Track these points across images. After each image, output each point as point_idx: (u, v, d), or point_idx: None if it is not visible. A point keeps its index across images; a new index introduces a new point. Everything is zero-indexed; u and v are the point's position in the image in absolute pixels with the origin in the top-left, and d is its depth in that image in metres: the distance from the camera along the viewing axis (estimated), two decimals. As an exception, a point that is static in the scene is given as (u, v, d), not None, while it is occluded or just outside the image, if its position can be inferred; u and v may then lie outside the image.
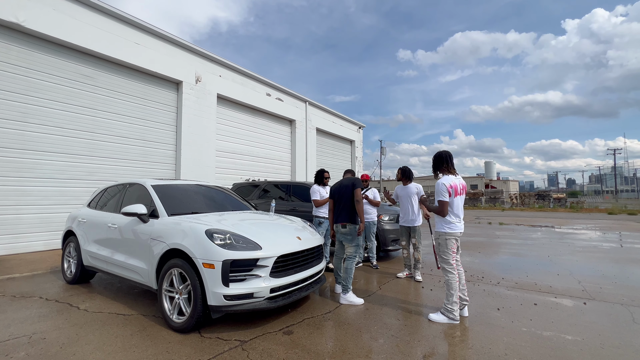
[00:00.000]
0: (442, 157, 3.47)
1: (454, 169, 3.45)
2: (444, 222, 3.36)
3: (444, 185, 3.30)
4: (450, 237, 3.33)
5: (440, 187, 3.31)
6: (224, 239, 2.98)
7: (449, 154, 3.52)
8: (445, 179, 3.34)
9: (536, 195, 31.96)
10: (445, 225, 3.36)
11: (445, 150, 3.55)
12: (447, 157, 3.47)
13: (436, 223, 3.47)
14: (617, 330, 3.07)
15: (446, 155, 3.48)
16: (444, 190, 3.28)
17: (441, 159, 3.46)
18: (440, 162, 3.47)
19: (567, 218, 16.67)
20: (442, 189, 3.30)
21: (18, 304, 3.76)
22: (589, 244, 8.22)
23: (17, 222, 6.87)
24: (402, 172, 5.11)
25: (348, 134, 19.51)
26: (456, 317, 3.17)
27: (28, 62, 7.06)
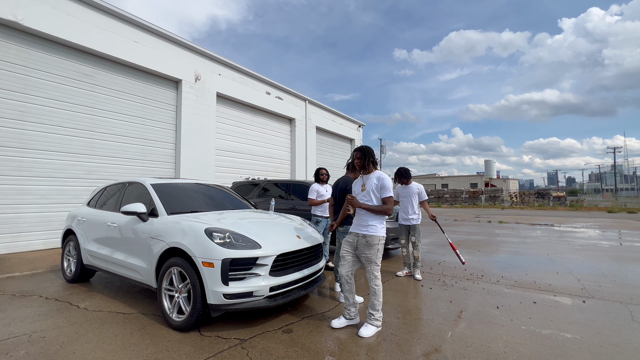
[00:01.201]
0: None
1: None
2: (382, 222, 3.11)
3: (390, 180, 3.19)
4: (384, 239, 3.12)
5: (390, 182, 3.12)
6: (224, 238, 2.98)
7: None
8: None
9: (536, 194, 31.97)
10: (383, 229, 3.12)
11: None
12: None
13: (376, 224, 3.06)
14: (616, 328, 3.08)
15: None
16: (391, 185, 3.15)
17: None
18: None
19: (566, 216, 16.69)
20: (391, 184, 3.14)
21: (18, 303, 3.77)
22: (589, 242, 8.23)
23: (16, 221, 6.86)
24: (398, 174, 5.08)
25: (348, 132, 19.51)
26: (381, 322, 3.03)
27: (27, 61, 7.05)
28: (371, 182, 3.11)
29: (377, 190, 3.07)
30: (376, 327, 2.98)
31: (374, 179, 3.12)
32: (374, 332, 2.94)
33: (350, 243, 3.15)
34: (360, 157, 3.20)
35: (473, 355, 2.55)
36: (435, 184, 53.02)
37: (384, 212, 3.03)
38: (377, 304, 3.00)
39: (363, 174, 3.25)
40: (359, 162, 3.22)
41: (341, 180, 4.18)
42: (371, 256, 3.02)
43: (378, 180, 3.10)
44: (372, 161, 3.21)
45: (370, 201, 3.08)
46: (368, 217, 3.07)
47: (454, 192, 34.62)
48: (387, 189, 3.05)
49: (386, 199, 3.05)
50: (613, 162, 55.23)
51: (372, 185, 3.09)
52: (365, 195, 3.11)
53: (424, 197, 5.00)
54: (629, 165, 72.32)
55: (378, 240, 3.02)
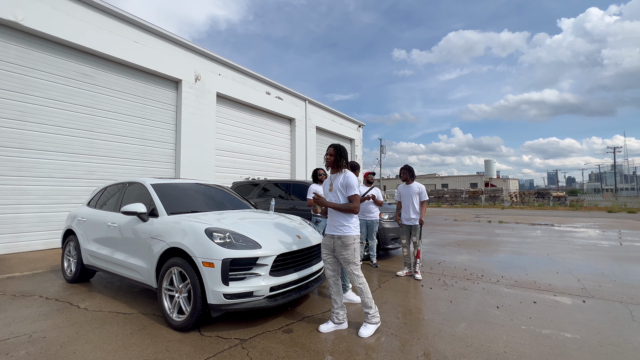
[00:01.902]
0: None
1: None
2: (354, 222, 3.08)
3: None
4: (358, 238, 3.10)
5: (354, 181, 3.09)
6: (224, 238, 2.98)
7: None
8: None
9: (536, 194, 31.96)
10: (356, 228, 3.10)
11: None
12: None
13: (348, 225, 3.03)
14: (616, 328, 3.08)
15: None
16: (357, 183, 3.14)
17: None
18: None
19: (566, 216, 16.69)
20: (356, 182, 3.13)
21: (18, 303, 3.77)
22: (589, 242, 8.23)
23: (16, 221, 6.86)
24: (403, 172, 5.15)
25: (348, 132, 19.51)
26: (379, 318, 3.03)
27: (27, 61, 7.05)
28: (337, 181, 3.08)
29: (342, 188, 3.04)
30: (375, 324, 2.98)
31: (340, 178, 3.09)
32: (373, 330, 2.94)
33: (328, 245, 3.11)
34: (334, 154, 3.12)
35: (473, 355, 2.55)
36: (435, 184, 53.02)
37: (351, 210, 2.98)
38: (368, 300, 2.99)
39: (332, 173, 3.19)
40: (331, 159, 3.12)
41: None
42: (348, 256, 2.97)
43: (344, 179, 3.06)
44: (344, 161, 3.14)
45: (337, 200, 3.05)
46: (339, 218, 3.03)
47: (454, 192, 34.62)
48: (352, 187, 3.02)
49: (351, 197, 3.02)
50: (613, 162, 55.24)
51: (339, 185, 3.06)
52: (333, 195, 3.09)
53: (424, 197, 5.00)
54: (629, 165, 72.34)
55: (353, 239, 2.99)
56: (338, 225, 3.03)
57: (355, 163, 4.47)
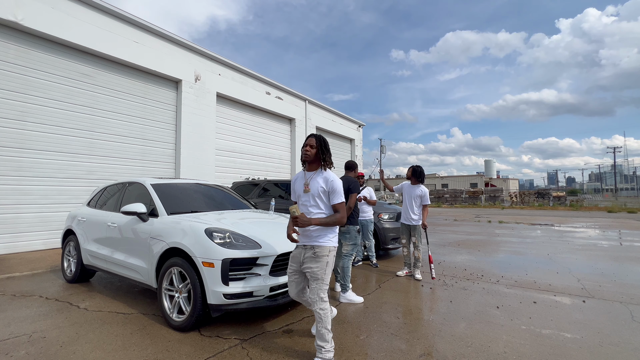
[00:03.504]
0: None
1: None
2: (334, 231, 2.56)
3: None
4: (335, 251, 2.55)
5: (340, 185, 2.56)
6: (224, 238, 2.98)
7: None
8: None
9: (536, 194, 31.95)
10: (335, 238, 2.57)
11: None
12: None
13: (326, 234, 2.50)
14: (616, 328, 3.08)
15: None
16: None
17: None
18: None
19: (566, 216, 16.68)
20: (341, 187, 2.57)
21: (18, 303, 3.77)
22: (589, 242, 8.23)
23: (16, 221, 6.86)
24: (412, 171, 5.07)
25: (348, 132, 19.51)
26: (332, 355, 2.39)
27: (26, 61, 7.05)
28: (316, 183, 2.46)
29: (324, 194, 2.47)
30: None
31: (320, 180, 2.47)
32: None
33: (296, 258, 2.54)
34: (315, 146, 2.52)
35: (473, 355, 2.55)
36: (435, 184, 53.02)
37: (338, 222, 2.45)
38: (325, 332, 2.36)
39: (308, 170, 2.57)
40: (312, 152, 2.51)
41: (342, 179, 4.18)
42: (317, 271, 2.40)
43: (326, 182, 2.47)
44: (327, 157, 2.55)
45: (315, 207, 2.47)
46: (316, 227, 2.47)
47: (454, 192, 34.63)
48: (339, 193, 2.47)
49: (337, 205, 2.46)
50: (613, 162, 55.26)
51: (318, 189, 2.46)
52: (309, 199, 2.49)
53: (425, 201, 4.94)
54: (628, 165, 72.33)
55: (328, 251, 2.46)
56: (315, 234, 2.46)
57: (353, 163, 4.41)
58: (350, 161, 4.41)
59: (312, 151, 2.51)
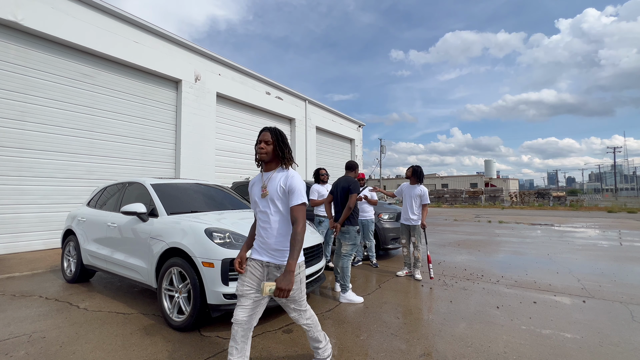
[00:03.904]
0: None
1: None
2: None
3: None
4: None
5: (302, 185, 2.13)
6: (224, 238, 2.98)
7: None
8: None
9: (536, 194, 31.96)
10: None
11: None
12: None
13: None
14: (616, 328, 3.08)
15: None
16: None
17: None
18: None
19: (566, 216, 16.68)
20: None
21: (18, 303, 3.77)
22: (589, 242, 8.23)
23: (16, 221, 6.86)
24: (412, 171, 5.06)
25: (348, 132, 19.51)
26: (330, 353, 2.35)
27: (27, 61, 7.05)
28: (275, 184, 2.06)
29: (283, 195, 2.04)
30: (327, 357, 2.33)
31: (279, 179, 2.07)
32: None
33: (255, 276, 2.07)
34: (272, 141, 2.09)
35: (473, 355, 2.55)
36: (435, 184, 53.03)
37: (300, 239, 1.96)
38: (318, 334, 2.27)
39: (265, 170, 2.15)
40: (268, 149, 2.09)
41: (342, 179, 4.18)
42: (293, 294, 2.07)
43: (285, 180, 2.05)
44: (287, 152, 2.13)
45: (277, 213, 2.06)
46: (280, 238, 2.05)
47: (454, 192, 34.63)
48: (299, 194, 2.02)
49: (297, 207, 2.00)
50: (613, 162, 55.27)
51: (277, 189, 2.05)
52: (268, 205, 2.07)
53: (425, 201, 4.94)
54: (628, 165, 72.31)
55: (298, 267, 2.05)
56: (278, 248, 2.05)
57: (353, 163, 4.39)
58: (351, 161, 4.40)
59: (268, 148, 2.09)
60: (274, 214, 2.06)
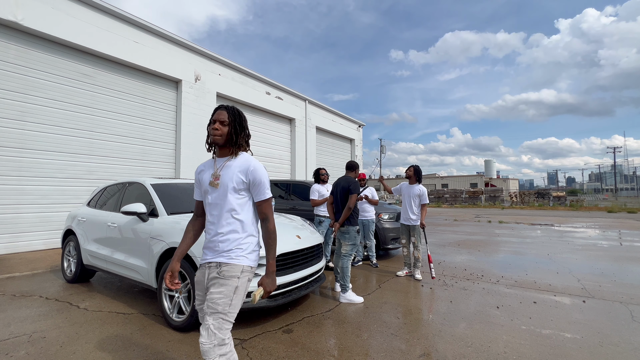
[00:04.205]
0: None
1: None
2: (253, 243, 1.80)
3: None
4: (252, 273, 1.78)
5: (265, 175, 1.83)
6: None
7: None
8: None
9: (536, 194, 31.96)
10: (254, 251, 1.81)
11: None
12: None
13: (241, 247, 1.74)
14: (616, 328, 3.08)
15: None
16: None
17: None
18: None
19: (566, 216, 16.68)
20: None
21: (18, 303, 3.77)
22: (589, 242, 8.23)
23: (16, 221, 6.86)
24: (414, 170, 5.08)
25: (348, 132, 19.51)
26: None
27: (26, 61, 7.04)
28: (231, 173, 1.70)
29: (241, 187, 1.71)
30: None
31: (237, 168, 1.72)
32: None
33: (200, 283, 1.76)
34: (227, 122, 1.73)
35: (473, 355, 2.55)
36: (435, 184, 53.03)
37: (273, 238, 1.77)
38: None
39: (219, 155, 1.80)
40: (223, 131, 1.72)
41: (342, 179, 4.18)
42: (219, 299, 1.60)
43: (246, 171, 1.71)
44: (244, 135, 1.79)
45: (229, 207, 1.69)
46: (230, 234, 1.70)
47: (454, 192, 34.63)
48: (265, 187, 1.75)
49: (264, 204, 1.76)
50: (613, 162, 55.28)
51: (234, 180, 1.69)
52: (220, 197, 1.71)
53: (424, 200, 4.94)
54: (628, 165, 72.33)
55: (240, 272, 1.68)
56: (226, 249, 1.69)
57: (354, 163, 4.39)
58: (352, 161, 4.40)
59: (224, 129, 1.73)
60: (227, 208, 1.70)
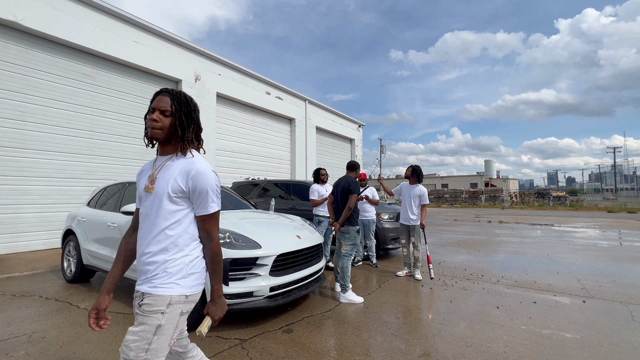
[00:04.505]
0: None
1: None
2: (195, 266, 1.38)
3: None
4: (189, 303, 1.37)
5: (213, 180, 1.44)
6: (224, 238, 2.98)
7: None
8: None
9: (536, 194, 31.95)
10: (186, 279, 1.35)
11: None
12: None
13: (171, 270, 1.33)
14: (616, 328, 3.08)
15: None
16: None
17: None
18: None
19: (566, 216, 16.68)
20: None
21: (18, 303, 3.76)
22: (589, 242, 8.23)
23: (16, 221, 6.86)
24: (412, 170, 5.06)
25: (348, 132, 19.50)
26: None
27: (26, 61, 7.04)
28: (169, 176, 1.35)
29: (178, 195, 1.34)
30: None
31: (176, 170, 1.36)
32: None
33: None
34: (171, 112, 1.38)
35: (473, 355, 2.55)
36: (435, 184, 53.02)
37: (219, 260, 1.39)
38: None
39: (161, 153, 1.46)
40: (164, 124, 1.38)
41: (342, 179, 4.18)
42: (132, 344, 1.24)
43: (187, 175, 1.34)
44: (192, 128, 1.42)
45: (162, 219, 1.32)
46: (159, 254, 1.32)
47: (454, 192, 34.63)
48: (211, 198, 1.36)
49: (208, 219, 1.37)
50: (613, 162, 55.29)
51: (171, 185, 1.33)
52: (151, 203, 1.35)
53: (424, 201, 4.94)
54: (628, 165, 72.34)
55: (166, 304, 1.28)
56: (150, 266, 1.32)
57: (355, 163, 4.39)
58: (352, 161, 4.40)
59: (165, 121, 1.36)
60: (159, 221, 1.32)
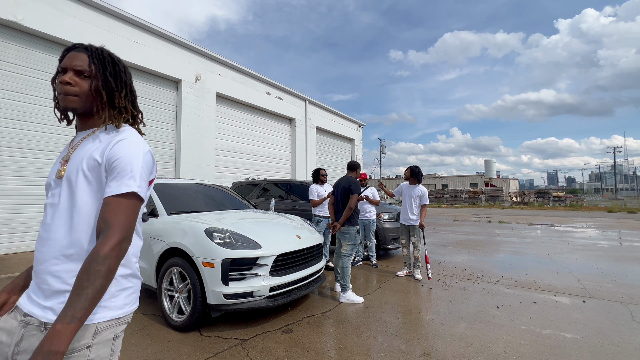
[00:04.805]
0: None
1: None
2: (128, 287, 1.02)
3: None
4: (123, 324, 0.99)
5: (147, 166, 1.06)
6: (224, 238, 2.98)
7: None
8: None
9: (536, 194, 31.96)
10: (116, 298, 0.98)
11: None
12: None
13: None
14: (616, 328, 3.08)
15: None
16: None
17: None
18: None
19: (566, 216, 16.68)
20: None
21: (18, 303, 3.76)
22: (589, 242, 8.23)
23: (16, 221, 6.86)
24: (411, 172, 5.07)
25: (348, 132, 19.50)
26: None
27: (27, 61, 7.04)
28: (85, 151, 1.04)
29: (92, 174, 1.01)
30: None
31: (94, 144, 1.04)
32: None
33: (3, 346, 0.93)
34: (90, 72, 1.02)
35: (473, 355, 2.55)
36: (435, 184, 53.02)
37: (110, 272, 0.87)
38: None
39: (80, 128, 1.13)
40: (81, 86, 1.01)
41: (343, 179, 4.18)
42: None
43: (106, 146, 1.01)
44: (123, 92, 1.11)
45: (64, 209, 1.02)
46: (72, 261, 0.95)
47: (454, 192, 34.63)
48: (126, 173, 0.97)
49: (114, 200, 0.94)
50: (613, 162, 55.30)
51: (86, 160, 1.02)
52: (61, 191, 1.08)
53: (425, 201, 4.94)
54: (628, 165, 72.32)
55: (91, 335, 0.89)
56: (61, 288, 0.93)
57: (355, 163, 4.38)
58: (353, 161, 4.39)
59: (84, 85, 1.02)
60: (73, 214, 1.00)
